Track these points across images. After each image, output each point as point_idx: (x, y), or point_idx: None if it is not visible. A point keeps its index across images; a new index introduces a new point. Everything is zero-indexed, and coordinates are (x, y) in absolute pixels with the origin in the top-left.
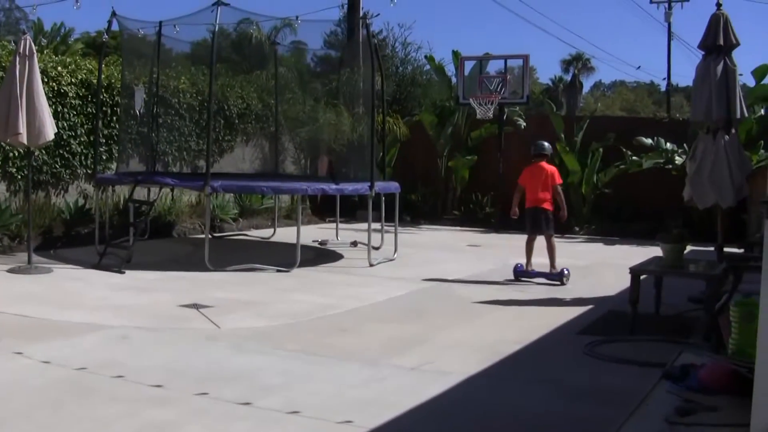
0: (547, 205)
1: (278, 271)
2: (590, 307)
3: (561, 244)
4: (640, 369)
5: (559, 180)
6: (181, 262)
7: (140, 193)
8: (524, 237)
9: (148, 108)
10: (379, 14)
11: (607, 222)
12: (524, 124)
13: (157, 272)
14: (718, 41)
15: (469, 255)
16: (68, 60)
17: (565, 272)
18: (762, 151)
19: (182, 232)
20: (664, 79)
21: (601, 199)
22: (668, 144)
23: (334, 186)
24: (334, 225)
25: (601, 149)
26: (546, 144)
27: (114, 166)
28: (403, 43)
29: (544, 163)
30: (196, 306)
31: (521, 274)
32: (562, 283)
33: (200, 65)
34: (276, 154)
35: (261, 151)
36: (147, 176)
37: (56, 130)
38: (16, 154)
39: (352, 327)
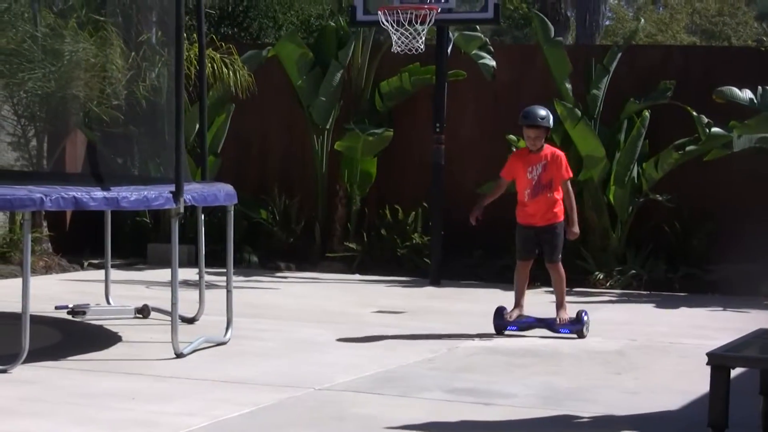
0: (555, 217)
1: None
2: None
3: (569, 307)
4: None
5: (569, 173)
6: None
7: None
8: (489, 293)
9: None
10: None
11: (660, 262)
12: (492, 63)
13: None
14: None
15: (381, 334)
16: None
17: (584, 318)
18: None
19: None
20: None
21: (649, 215)
22: None
23: (99, 193)
24: (100, 275)
25: (647, 113)
26: (543, 111)
27: None
28: None
29: (546, 145)
30: None
31: (504, 325)
32: (582, 335)
33: None
34: None
35: None
36: None
37: None
38: None
39: None
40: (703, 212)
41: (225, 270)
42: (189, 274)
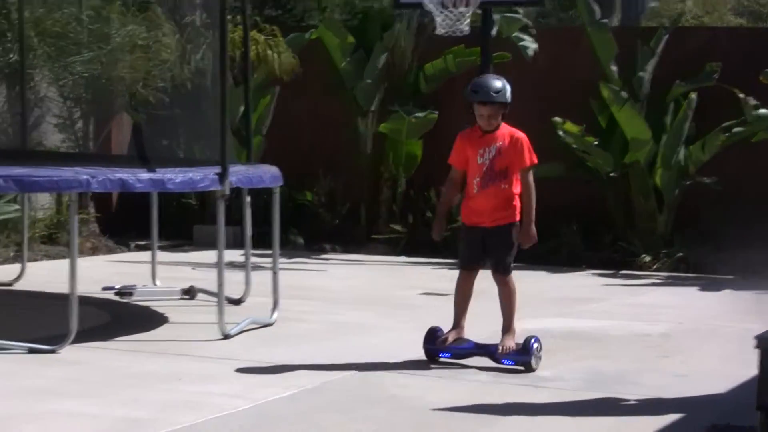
0: (508, 216)
1: (31, 351)
2: (676, 417)
3: (615, 290)
4: None
5: (532, 159)
6: None
7: None
8: (534, 276)
9: None
10: None
11: (707, 245)
12: (535, 46)
13: None
14: None
15: (425, 315)
16: None
17: (534, 346)
18: None
19: None
20: None
21: (696, 197)
22: None
23: (145, 175)
24: (147, 256)
25: (693, 95)
26: (498, 82)
27: None
28: None
29: (503, 125)
30: None
31: (435, 351)
32: (530, 368)
33: None
34: (23, 111)
35: None
36: None
37: None
38: None
39: None
40: (755, 197)
41: (271, 251)
42: (235, 255)
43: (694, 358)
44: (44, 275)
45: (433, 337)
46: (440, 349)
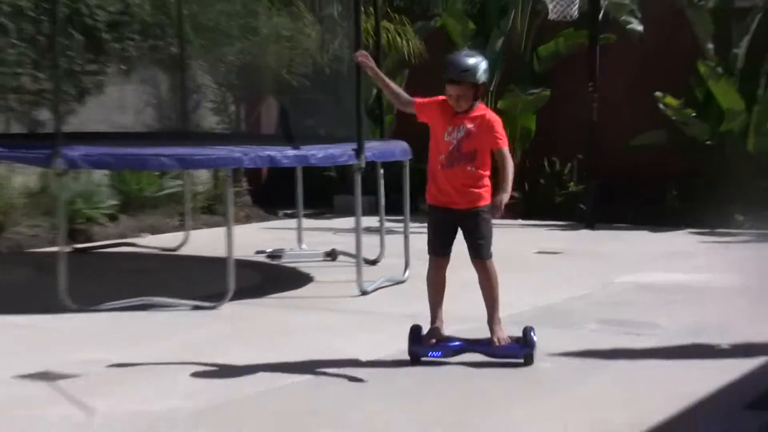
0: (480, 198)
1: (195, 308)
2: (766, 360)
3: (708, 247)
4: None
5: (503, 142)
6: (14, 297)
7: None
8: (638, 235)
9: None
10: None
11: None
12: (640, 28)
13: None
14: None
15: (541, 272)
16: None
17: (533, 338)
18: None
19: (15, 242)
20: None
21: None
22: None
23: (291, 152)
24: (293, 223)
25: None
26: (471, 60)
27: None
28: None
29: (481, 105)
30: (47, 377)
31: (422, 352)
32: (530, 361)
33: None
34: (183, 96)
35: (156, 91)
36: None
37: None
38: None
39: (332, 410)
40: None
41: (402, 217)
42: (371, 221)
43: None
44: (205, 241)
45: (417, 338)
46: (428, 349)
